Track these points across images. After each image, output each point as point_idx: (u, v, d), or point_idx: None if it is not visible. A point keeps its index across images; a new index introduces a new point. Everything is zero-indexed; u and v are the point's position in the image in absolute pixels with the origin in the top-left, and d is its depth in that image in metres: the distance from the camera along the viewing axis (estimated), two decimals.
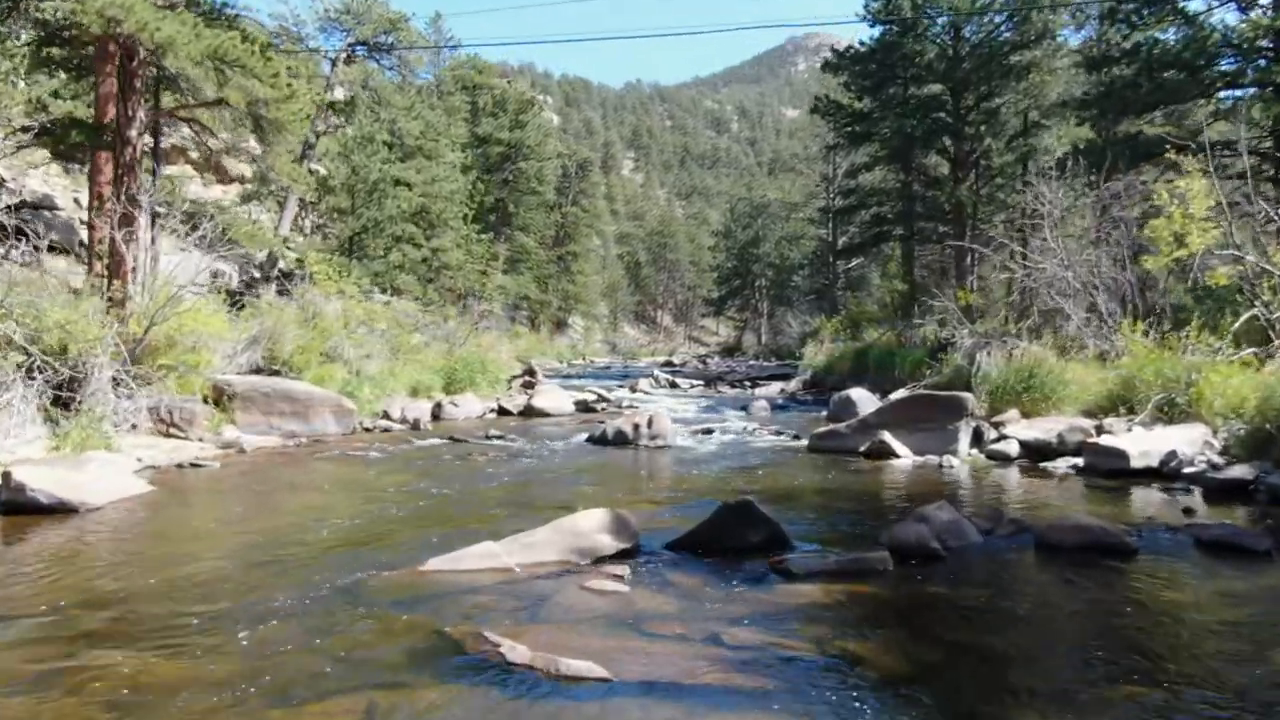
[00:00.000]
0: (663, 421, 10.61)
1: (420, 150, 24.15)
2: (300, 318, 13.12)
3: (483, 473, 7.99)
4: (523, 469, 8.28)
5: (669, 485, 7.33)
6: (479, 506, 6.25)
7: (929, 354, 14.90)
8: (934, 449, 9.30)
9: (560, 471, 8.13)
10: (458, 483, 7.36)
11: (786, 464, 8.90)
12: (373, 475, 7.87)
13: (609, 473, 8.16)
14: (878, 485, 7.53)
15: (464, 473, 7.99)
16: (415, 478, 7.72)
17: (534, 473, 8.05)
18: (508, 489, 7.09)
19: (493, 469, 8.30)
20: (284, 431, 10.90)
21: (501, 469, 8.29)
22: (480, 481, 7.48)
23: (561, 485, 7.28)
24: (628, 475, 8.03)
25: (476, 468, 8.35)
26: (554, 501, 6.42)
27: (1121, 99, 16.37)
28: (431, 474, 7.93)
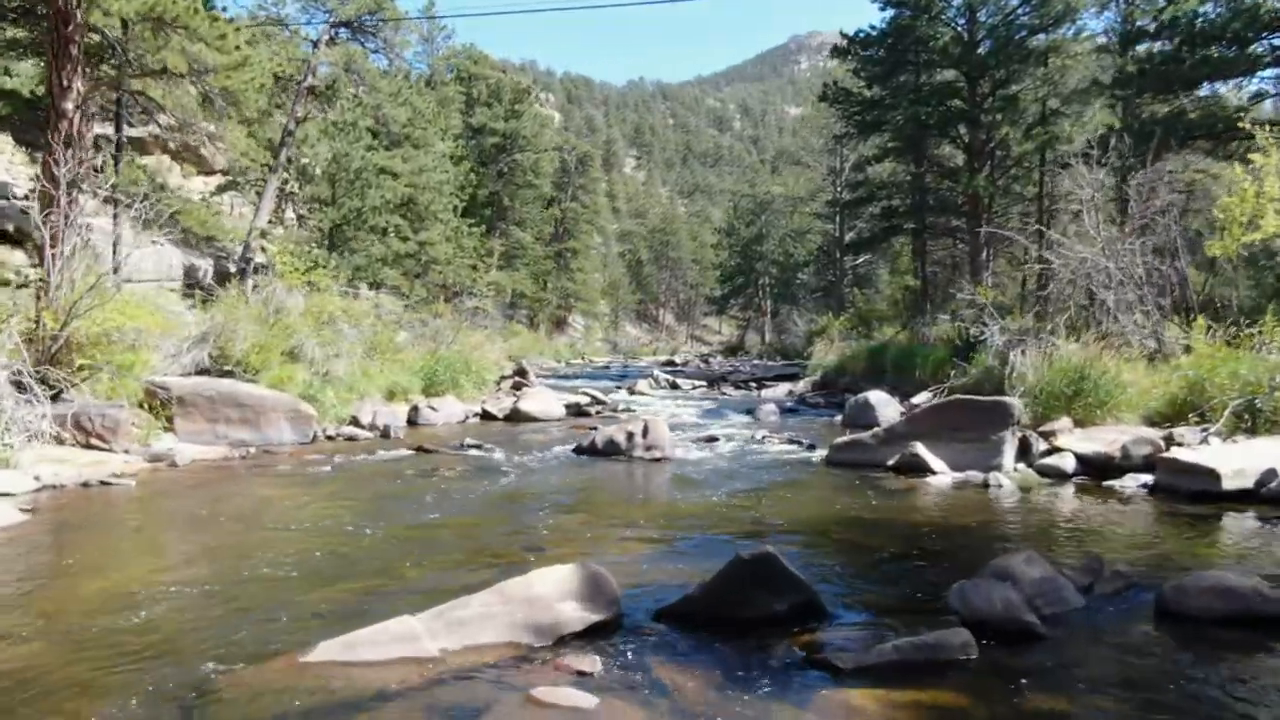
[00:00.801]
0: (659, 429, 9.31)
1: (408, 138, 22.85)
2: (259, 313, 11.83)
3: (443, 496, 6.69)
4: (491, 490, 6.98)
5: (664, 513, 6.02)
6: (421, 548, 4.95)
7: (954, 353, 13.58)
8: (975, 464, 7.99)
9: (535, 494, 6.82)
10: (407, 511, 6.05)
11: (804, 482, 7.60)
12: (309, 500, 6.57)
13: (593, 495, 6.85)
14: (918, 512, 6.21)
15: (420, 495, 6.69)
16: (359, 503, 6.43)
17: (503, 495, 6.74)
18: (465, 520, 5.78)
19: (456, 490, 7.00)
20: (231, 441, 9.62)
21: (467, 490, 6.99)
22: (435, 509, 6.17)
23: (532, 514, 5.97)
24: (615, 499, 6.72)
25: (437, 488, 7.05)
26: (518, 539, 5.13)
27: (1161, 76, 15.03)
28: (381, 497, 6.63)
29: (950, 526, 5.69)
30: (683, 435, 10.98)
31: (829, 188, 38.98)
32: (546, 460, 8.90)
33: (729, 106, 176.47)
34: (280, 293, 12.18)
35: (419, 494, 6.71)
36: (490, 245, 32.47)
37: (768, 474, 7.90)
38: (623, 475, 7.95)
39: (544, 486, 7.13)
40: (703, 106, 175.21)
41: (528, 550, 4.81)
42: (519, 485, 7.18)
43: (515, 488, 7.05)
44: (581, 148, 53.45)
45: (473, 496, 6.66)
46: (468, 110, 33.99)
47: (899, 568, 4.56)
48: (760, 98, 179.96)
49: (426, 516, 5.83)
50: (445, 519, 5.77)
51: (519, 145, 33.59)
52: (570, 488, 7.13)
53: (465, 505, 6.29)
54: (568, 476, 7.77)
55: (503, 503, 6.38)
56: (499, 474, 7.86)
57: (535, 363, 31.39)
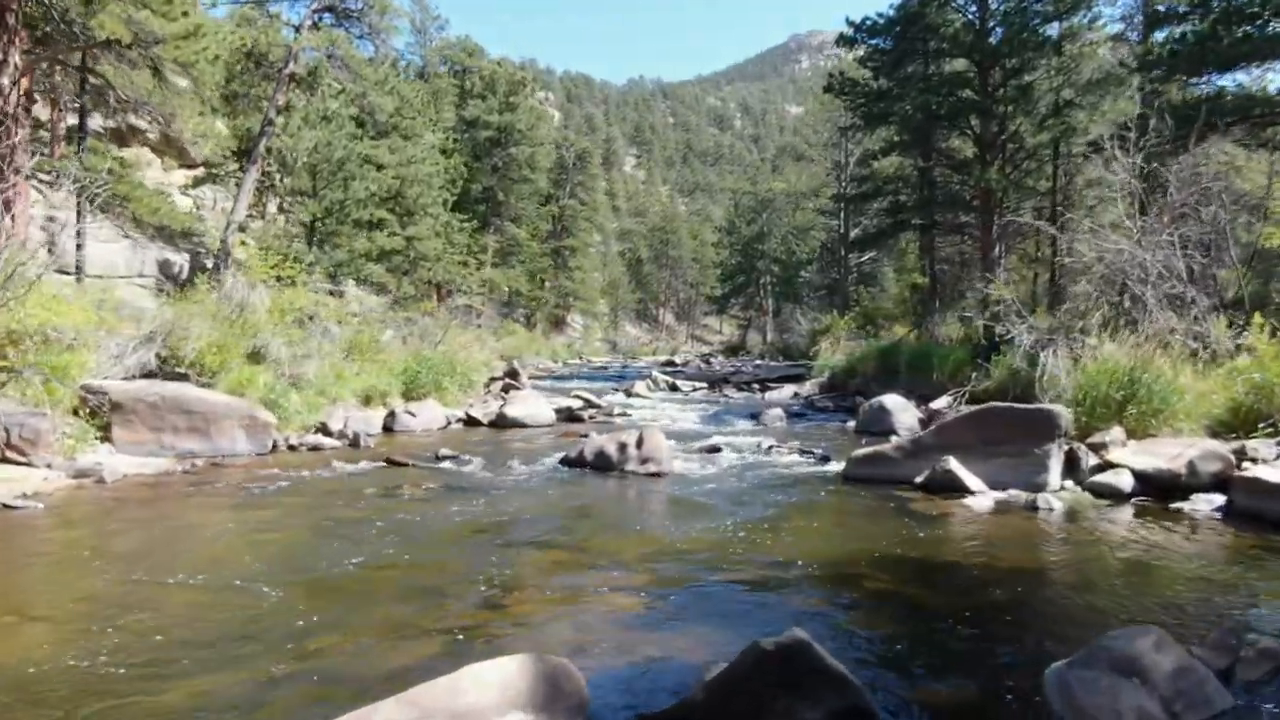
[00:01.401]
0: (656, 440, 8.29)
1: (395, 129, 21.83)
2: (218, 310, 10.82)
3: (398, 524, 5.67)
4: (457, 517, 5.96)
5: (658, 550, 4.99)
6: (349, 605, 3.93)
7: (975, 354, 12.57)
8: (1016, 481, 6.98)
9: (508, 521, 5.80)
10: (349, 547, 5.04)
11: (821, 505, 6.58)
12: (237, 530, 5.55)
13: (576, 524, 5.82)
14: (963, 545, 5.20)
15: (371, 524, 5.67)
16: (295, 534, 5.42)
17: (469, 524, 5.72)
18: (415, 561, 4.76)
19: (417, 516, 5.98)
20: (178, 452, 8.62)
21: (429, 515, 5.97)
22: (384, 543, 5.15)
23: (499, 551, 4.95)
24: (601, 528, 5.69)
25: (395, 513, 6.03)
26: (475, 589, 4.12)
27: (1195, 57, 13.99)
28: (324, 527, 5.61)
29: (1007, 566, 4.67)
30: (682, 445, 9.97)
31: (833, 183, 37.93)
32: (528, 475, 7.88)
33: (729, 105, 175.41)
34: (242, 287, 11.16)
35: (370, 521, 5.69)
36: (484, 242, 31.41)
37: (779, 494, 6.88)
38: (613, 495, 6.94)
39: (519, 511, 6.11)
40: (703, 105, 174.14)
41: (484, 607, 3.80)
42: (490, 509, 6.16)
43: (485, 513, 6.02)
44: (580, 144, 52.38)
45: (433, 525, 5.64)
46: (461, 103, 32.94)
47: (961, 636, 3.54)
48: (761, 97, 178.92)
49: (370, 555, 4.81)
50: (392, 558, 4.75)
51: (514, 139, 32.50)
52: (550, 513, 6.10)
53: (421, 537, 5.27)
54: (549, 497, 6.75)
55: (466, 535, 5.35)
56: (471, 493, 6.84)
57: (531, 363, 30.38)
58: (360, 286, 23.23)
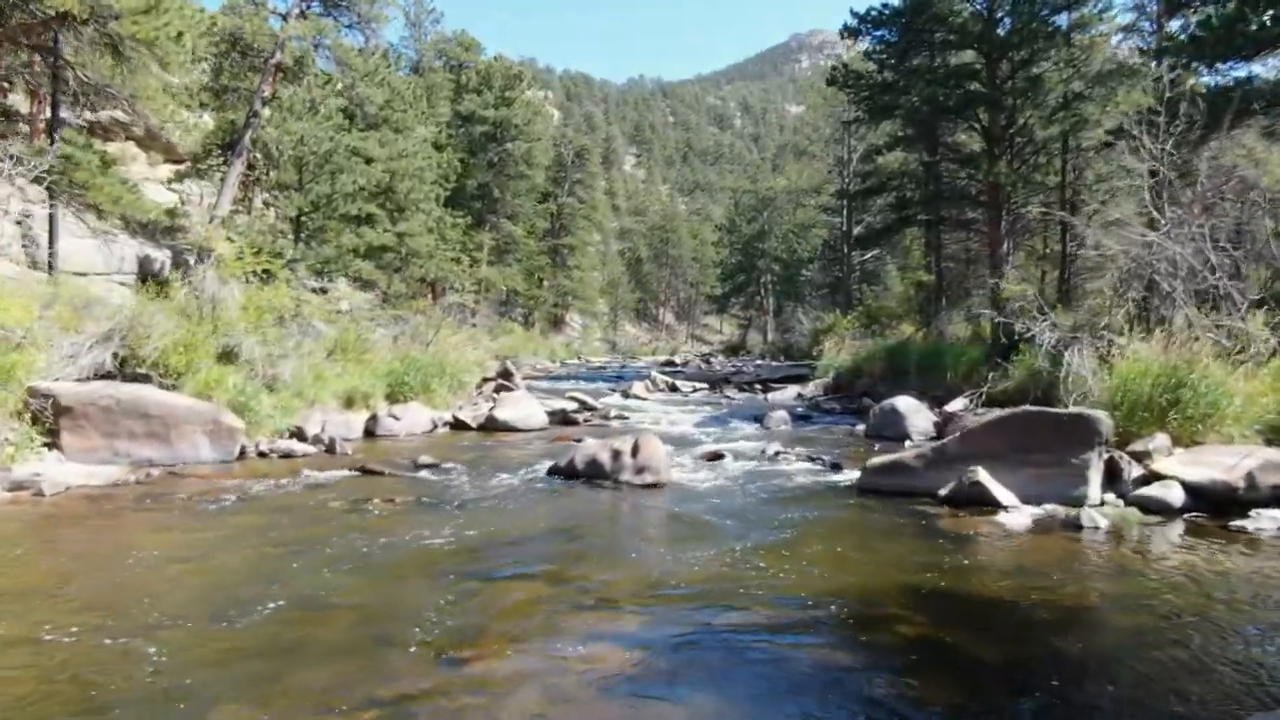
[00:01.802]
0: (653, 448, 7.60)
1: (386, 121, 21.13)
2: (184, 307, 10.14)
3: (358, 548, 4.97)
4: (426, 538, 5.26)
5: (652, 584, 4.28)
6: (275, 665, 3.24)
7: (993, 353, 11.88)
8: (1051, 494, 6.30)
9: (482, 545, 5.10)
10: (295, 579, 4.34)
11: (837, 522, 5.89)
12: (173, 556, 4.86)
13: (560, 548, 5.12)
14: (1004, 573, 4.50)
15: (328, 546, 4.98)
16: (238, 561, 4.73)
17: (438, 548, 5.02)
18: (368, 598, 4.04)
19: (382, 536, 5.28)
20: (134, 460, 7.94)
21: (395, 536, 5.28)
22: (338, 572, 4.46)
23: (466, 584, 4.24)
24: (588, 554, 4.98)
25: (358, 534, 5.34)
26: (429, 641, 3.42)
27: (1222, 41, 13.29)
28: (273, 551, 4.92)
29: (1066, 604, 3.98)
30: (682, 451, 9.28)
31: (836, 178, 37.22)
32: (513, 487, 7.19)
33: (729, 104, 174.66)
34: (212, 282, 10.46)
35: (326, 545, 5.00)
36: (480, 239, 30.70)
37: (789, 509, 6.19)
38: (604, 512, 6.25)
39: (496, 533, 5.41)
40: (703, 104, 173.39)
41: (437, 664, 3.12)
42: (464, 530, 5.46)
43: (457, 535, 5.33)
44: (579, 141, 51.63)
45: (395, 550, 4.95)
46: (456, 97, 32.21)
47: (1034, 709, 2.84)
48: (761, 96, 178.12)
49: (313, 592, 4.10)
50: (338, 596, 4.04)
51: (510, 134, 31.75)
52: (531, 534, 5.41)
53: (379, 566, 4.58)
54: (533, 515, 6.05)
55: (431, 564, 4.65)
56: (446, 509, 6.15)
57: (528, 362, 29.66)
58: (352, 284, 22.61)
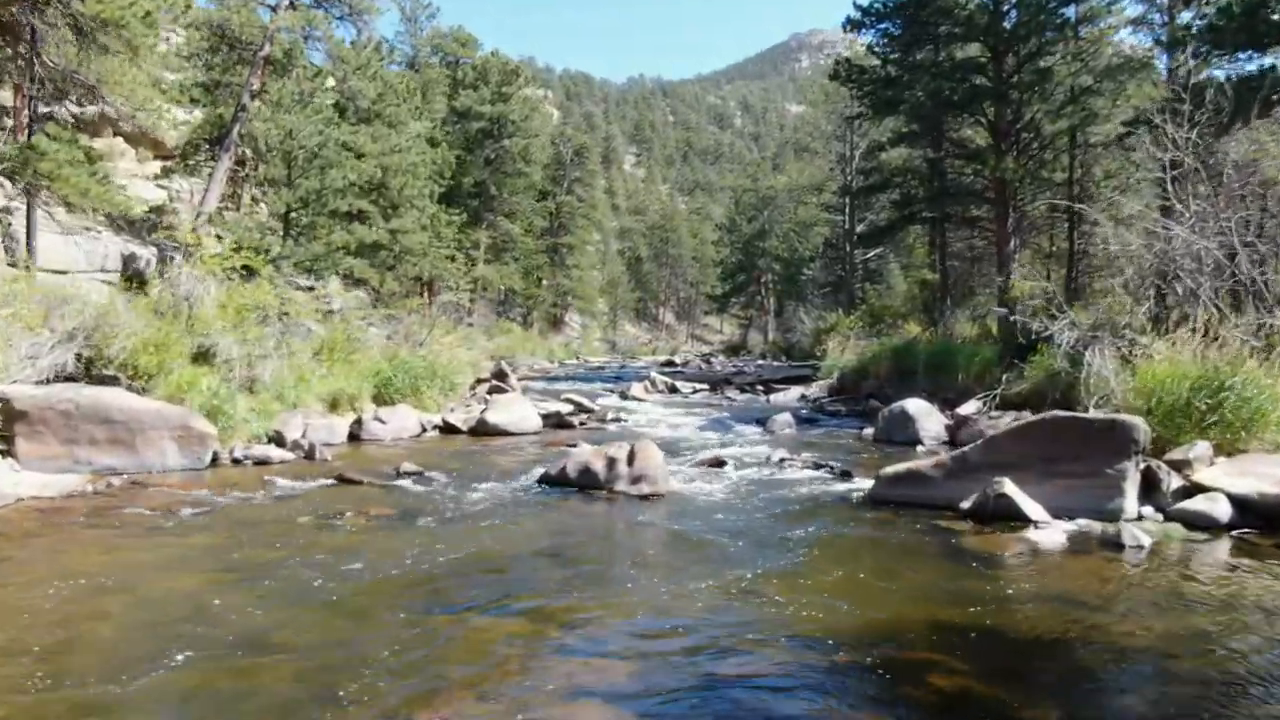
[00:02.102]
0: (650, 455, 7.08)
1: (378, 116, 20.60)
2: (157, 305, 9.62)
3: (316, 574, 4.45)
4: (394, 560, 4.74)
5: (646, 618, 3.75)
6: None
7: (1009, 352, 11.36)
8: (1083, 507, 5.78)
9: (457, 567, 4.58)
10: (230, 619, 3.80)
11: (852, 540, 5.37)
12: (94, 586, 4.32)
13: (544, 572, 4.58)
14: (1052, 609, 3.97)
15: (282, 572, 4.47)
16: (172, 592, 4.20)
17: (405, 574, 4.48)
18: (307, 646, 3.49)
19: (347, 559, 4.76)
20: (96, 468, 7.43)
21: (359, 559, 4.75)
22: (282, 609, 3.92)
23: (429, 624, 3.69)
24: (575, 580, 4.43)
25: (320, 556, 4.82)
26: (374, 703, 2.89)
27: (1243, 29, 12.77)
28: (212, 583, 4.38)
29: (1124, 645, 3.46)
30: (681, 457, 8.77)
31: (838, 175, 36.68)
32: (499, 498, 6.66)
33: (730, 104, 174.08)
34: (187, 279, 9.94)
35: (283, 569, 4.48)
36: (477, 237, 30.16)
37: (797, 525, 5.67)
38: (597, 528, 5.73)
39: (476, 554, 4.89)
40: (703, 104, 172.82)
41: None
42: (439, 550, 4.93)
43: (431, 555, 4.80)
44: (578, 139, 51.09)
45: (360, 575, 4.42)
46: (453, 93, 31.68)
47: None
48: (761, 95, 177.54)
49: (254, 630, 3.56)
50: (284, 634, 3.51)
51: (507, 130, 31.20)
52: (513, 555, 4.88)
53: (338, 596, 4.05)
54: (518, 531, 5.53)
55: (397, 592, 4.12)
56: (424, 525, 5.63)
57: (526, 363, 29.13)
58: (348, 283, 22.07)
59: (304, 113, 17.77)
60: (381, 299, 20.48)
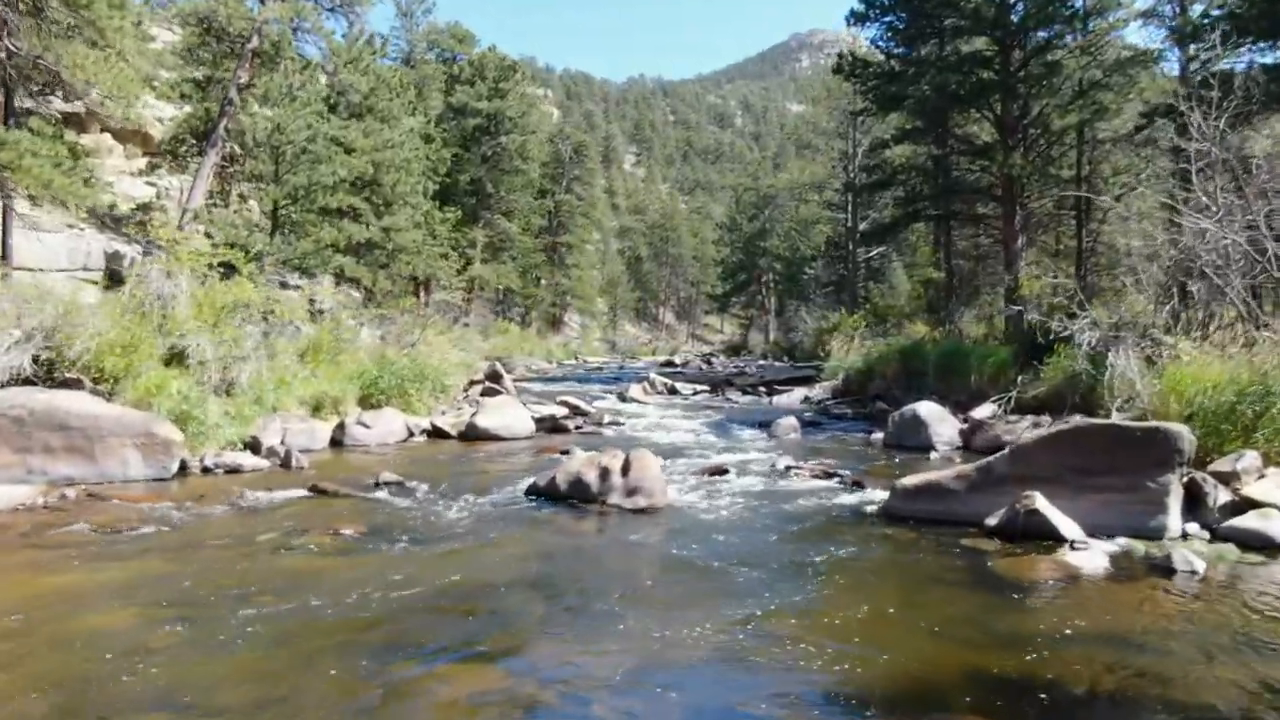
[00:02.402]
0: (646, 465, 6.55)
1: (370, 110, 20.09)
2: (128, 304, 9.10)
3: (262, 608, 3.92)
4: (353, 590, 4.21)
5: (636, 669, 3.22)
6: None
7: (1025, 353, 10.83)
8: (1121, 524, 5.26)
9: (423, 600, 4.04)
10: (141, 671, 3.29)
11: (870, 563, 4.85)
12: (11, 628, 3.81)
13: (521, 606, 4.03)
14: (1104, 652, 3.45)
15: (225, 603, 3.94)
16: (93, 637, 3.68)
17: (359, 610, 3.94)
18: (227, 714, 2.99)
19: (297, 591, 4.24)
20: (51, 478, 6.92)
21: (314, 589, 4.22)
22: (209, 656, 3.40)
23: (380, 683, 3.16)
24: (556, 617, 3.87)
25: (272, 586, 4.30)
26: None
27: (1264, 16, 12.27)
28: (139, 619, 3.86)
29: (1191, 699, 2.93)
30: (681, 463, 8.25)
31: (840, 173, 36.12)
32: (482, 513, 6.14)
33: (730, 103, 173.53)
34: (155, 276, 9.41)
35: (235, 599, 3.95)
36: (473, 236, 29.63)
37: (809, 546, 5.14)
38: (587, 548, 5.20)
39: (448, 584, 4.36)
40: (704, 103, 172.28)
41: None
42: (409, 578, 4.40)
43: (400, 585, 4.27)
44: (577, 137, 50.55)
45: (317, 612, 3.89)
46: (449, 90, 31.14)
47: None
48: (762, 95, 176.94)
49: (193, 679, 3.06)
50: (221, 687, 3.00)
51: (504, 127, 30.65)
52: (491, 585, 4.33)
53: (287, 637, 3.53)
54: (498, 554, 5.00)
55: (357, 633, 3.59)
56: (394, 545, 5.10)
57: (523, 363, 28.59)
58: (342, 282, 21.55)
59: (292, 106, 17.24)
60: (374, 298, 19.97)
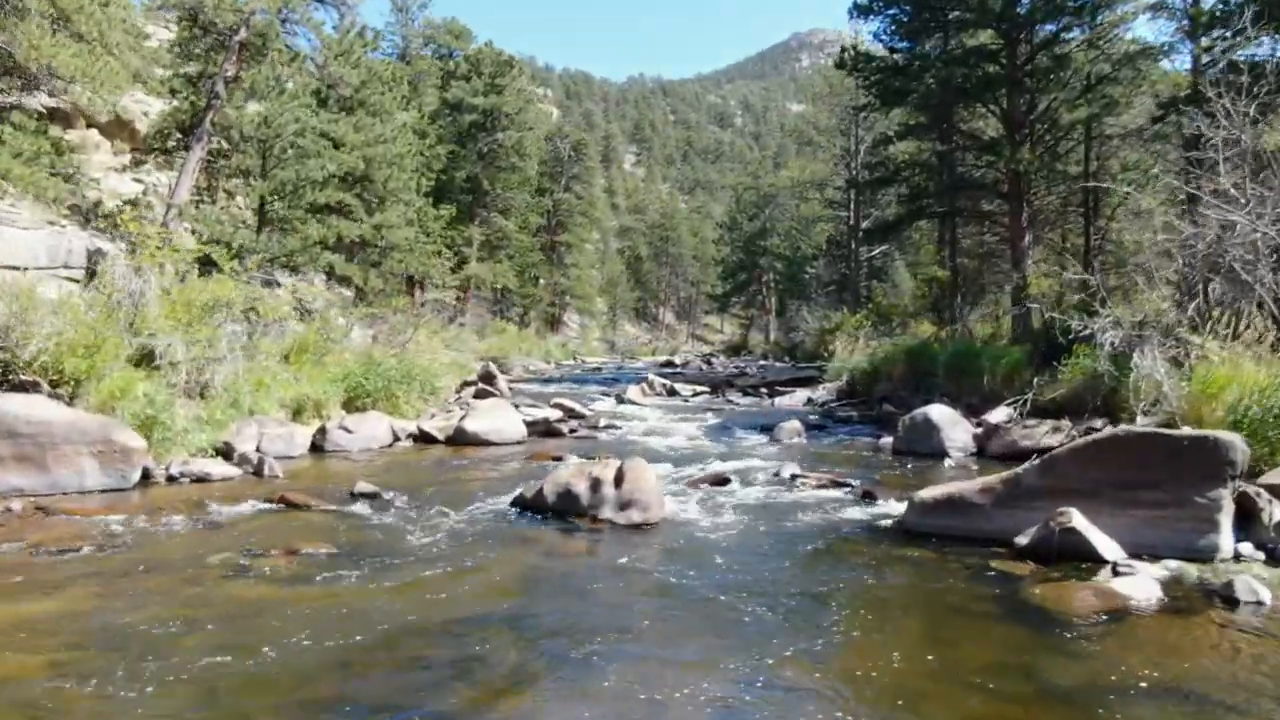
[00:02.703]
0: (641, 475, 6.03)
1: (362, 104, 19.57)
2: (91, 301, 8.59)
3: (186, 662, 3.39)
4: (302, 636, 3.68)
5: None
6: None
7: (1041, 353, 10.31)
8: (1166, 543, 4.75)
9: (382, 645, 3.51)
10: None
11: (892, 592, 4.32)
12: None
13: (492, 654, 3.49)
14: (1174, 707, 2.92)
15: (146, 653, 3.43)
16: None
17: (307, 659, 3.42)
18: None
19: (240, 635, 3.71)
20: (0, 489, 6.39)
21: (258, 633, 3.70)
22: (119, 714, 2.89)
23: None
24: (532, 671, 3.31)
25: (211, 624, 3.78)
26: None
27: None
28: (44, 672, 3.35)
29: None
30: (678, 472, 7.74)
31: (842, 170, 35.58)
32: (460, 529, 5.61)
33: (730, 103, 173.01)
34: (121, 272, 8.90)
35: (164, 639, 3.44)
36: (469, 234, 29.11)
37: (823, 570, 4.62)
38: (574, 574, 4.67)
39: (414, 617, 3.83)
40: (704, 103, 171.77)
41: None
42: (371, 611, 3.88)
43: (358, 620, 3.75)
44: (575, 135, 50.02)
45: (258, 656, 3.37)
46: (444, 86, 30.61)
47: None
48: (762, 95, 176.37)
49: None
50: None
51: (501, 123, 30.12)
52: (461, 619, 3.80)
53: (215, 694, 3.01)
54: (474, 581, 4.47)
55: (296, 685, 3.07)
56: (359, 570, 4.58)
57: (521, 364, 28.07)
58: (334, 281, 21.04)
59: (280, 99, 16.73)
60: (366, 297, 19.46)
